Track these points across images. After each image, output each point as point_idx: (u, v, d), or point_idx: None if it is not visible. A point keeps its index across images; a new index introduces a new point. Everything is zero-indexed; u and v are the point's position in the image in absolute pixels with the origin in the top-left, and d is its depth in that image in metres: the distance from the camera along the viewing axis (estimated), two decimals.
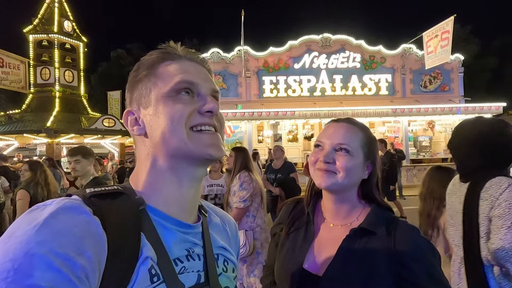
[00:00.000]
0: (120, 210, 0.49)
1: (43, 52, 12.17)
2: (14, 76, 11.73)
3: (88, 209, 0.46)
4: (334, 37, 12.60)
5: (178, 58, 0.60)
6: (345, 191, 0.87)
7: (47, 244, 0.39)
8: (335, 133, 0.87)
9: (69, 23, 12.66)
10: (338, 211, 0.89)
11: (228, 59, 12.41)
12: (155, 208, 0.54)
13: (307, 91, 12.49)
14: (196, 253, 0.57)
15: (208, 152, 0.56)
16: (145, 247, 0.48)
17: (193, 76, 0.58)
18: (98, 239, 0.44)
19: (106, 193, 0.51)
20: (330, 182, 0.84)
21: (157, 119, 0.56)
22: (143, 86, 0.58)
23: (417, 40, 11.84)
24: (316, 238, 0.89)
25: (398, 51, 12.83)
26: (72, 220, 0.43)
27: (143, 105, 0.58)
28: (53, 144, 10.64)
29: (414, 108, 11.30)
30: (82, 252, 0.41)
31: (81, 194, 0.49)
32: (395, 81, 12.79)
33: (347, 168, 0.83)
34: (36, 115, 11.35)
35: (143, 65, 0.59)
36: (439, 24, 10.10)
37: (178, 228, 0.56)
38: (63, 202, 0.45)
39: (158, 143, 0.56)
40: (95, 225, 0.45)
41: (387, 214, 0.87)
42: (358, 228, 0.83)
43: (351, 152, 0.85)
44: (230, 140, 12.12)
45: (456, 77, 12.90)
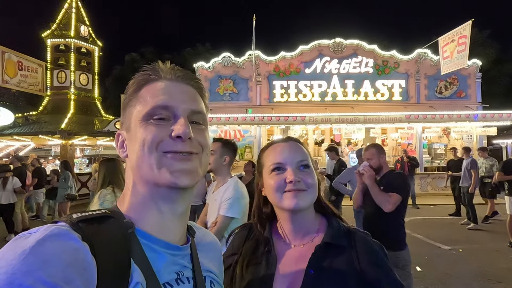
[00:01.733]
0: (108, 235, 0.48)
1: (60, 56, 12.55)
2: (32, 79, 12.10)
3: (76, 235, 0.44)
4: (347, 42, 12.46)
5: (159, 79, 0.58)
6: (309, 207, 0.86)
7: (34, 273, 0.37)
8: (291, 152, 0.87)
9: (85, 28, 13.02)
10: (299, 230, 0.86)
11: (239, 64, 12.44)
12: (144, 231, 0.53)
13: (318, 96, 12.37)
14: (186, 276, 0.56)
15: (173, 180, 0.53)
16: (135, 272, 0.47)
17: (169, 98, 0.56)
18: (87, 266, 0.42)
19: (94, 217, 0.50)
20: (306, 201, 0.82)
21: (133, 144, 0.55)
22: (127, 110, 0.59)
23: (432, 45, 11.58)
24: (280, 264, 0.83)
25: (413, 56, 12.56)
26: (60, 247, 0.41)
27: (126, 129, 0.59)
28: (67, 145, 10.87)
29: (429, 115, 11.00)
30: (70, 280, 0.39)
31: (68, 219, 0.47)
32: (409, 87, 12.51)
33: (314, 183, 0.85)
34: (51, 117, 11.66)
35: (129, 88, 0.60)
36: (456, 28, 9.83)
37: (167, 250, 0.55)
38: (50, 229, 0.43)
39: (134, 168, 0.56)
40: (83, 251, 0.43)
41: (341, 224, 0.87)
42: (323, 243, 0.81)
43: (311, 168, 0.87)
44: (240, 145, 12.09)
45: (473, 83, 12.51)
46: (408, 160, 9.03)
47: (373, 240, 0.84)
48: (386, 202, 2.43)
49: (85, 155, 16.78)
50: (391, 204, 2.42)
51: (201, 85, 0.63)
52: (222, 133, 12.05)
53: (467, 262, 4.51)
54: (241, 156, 11.89)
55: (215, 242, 0.75)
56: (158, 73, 0.58)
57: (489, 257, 4.68)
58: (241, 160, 11.50)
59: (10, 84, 11.35)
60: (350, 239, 0.82)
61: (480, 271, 4.16)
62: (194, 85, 0.61)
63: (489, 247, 5.17)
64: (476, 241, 5.59)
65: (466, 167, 6.88)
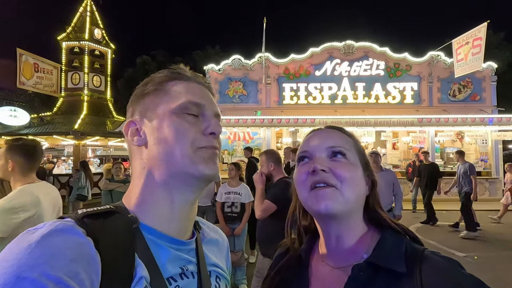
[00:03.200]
0: (113, 230, 0.49)
1: (74, 58, 12.87)
2: (47, 81, 12.43)
3: (81, 230, 0.45)
4: (357, 44, 12.35)
5: (186, 79, 0.62)
6: (351, 213, 0.64)
7: (39, 267, 0.38)
8: (322, 137, 0.68)
9: (99, 31, 13.33)
10: (342, 247, 0.65)
11: (249, 66, 12.48)
12: (148, 226, 0.54)
13: (328, 99, 12.28)
14: (190, 271, 0.56)
15: (206, 170, 0.56)
16: (139, 266, 0.48)
17: (199, 98, 0.60)
18: (91, 260, 0.43)
19: (99, 213, 0.51)
20: (336, 202, 0.60)
21: (162, 132, 0.56)
22: (150, 100, 0.59)
23: (446, 48, 11.35)
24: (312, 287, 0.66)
25: (425, 59, 12.34)
26: (64, 242, 0.42)
27: (148, 118, 0.59)
28: (79, 146, 11.10)
29: (441, 118, 10.77)
30: (74, 274, 0.40)
31: (73, 215, 0.49)
32: (422, 90, 12.29)
33: (350, 178, 0.62)
34: (65, 117, 11.95)
35: (153, 81, 0.61)
36: (470, 30, 9.62)
37: (171, 245, 0.55)
38: (55, 224, 0.45)
39: (157, 156, 0.56)
40: (88, 246, 0.44)
41: (406, 241, 0.61)
42: (364, 264, 0.58)
43: (348, 157, 0.65)
44: None
45: (488, 86, 12.20)
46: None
47: (462, 271, 0.54)
48: (257, 208, 2.46)
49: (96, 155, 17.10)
50: (260, 211, 2.44)
51: (214, 93, 0.67)
52: (231, 135, 12.10)
53: (482, 269, 4.37)
54: None
55: (222, 237, 0.75)
56: (183, 74, 0.62)
57: (505, 265, 4.53)
58: None
59: (27, 86, 11.69)
60: (413, 264, 0.56)
61: (496, 279, 4.03)
62: (211, 91, 0.65)
63: (505, 255, 5.01)
64: (492, 248, 5.42)
65: (464, 172, 6.55)
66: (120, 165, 5.20)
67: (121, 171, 5.08)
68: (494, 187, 10.85)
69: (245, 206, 3.87)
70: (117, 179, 5.02)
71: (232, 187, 3.96)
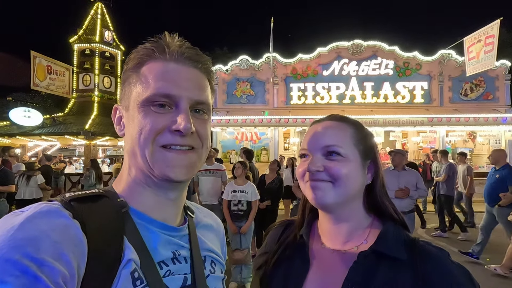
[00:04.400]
0: (101, 213, 0.48)
1: (85, 60, 13.16)
2: (60, 82, 12.74)
3: (67, 213, 0.45)
4: (366, 43, 12.23)
5: (164, 59, 0.53)
6: (346, 205, 0.68)
7: (21, 248, 0.37)
8: (318, 135, 0.70)
9: (109, 33, 13.59)
10: (340, 231, 0.69)
11: (257, 66, 12.50)
12: (138, 211, 0.53)
13: (336, 99, 12.19)
14: (183, 256, 0.56)
15: (167, 173, 0.52)
16: (127, 250, 0.47)
17: (172, 84, 0.52)
18: (78, 243, 0.43)
19: (87, 196, 0.50)
20: (325, 197, 0.65)
21: (130, 127, 0.54)
22: (127, 86, 0.56)
23: (457, 46, 11.12)
24: (313, 270, 0.68)
25: (436, 57, 12.12)
26: (49, 224, 0.41)
27: (125, 107, 0.56)
28: (90, 146, 11.32)
29: (453, 118, 10.56)
30: (60, 256, 0.40)
31: (61, 198, 0.48)
32: (432, 89, 12.08)
33: (343, 176, 0.65)
34: (76, 118, 12.21)
35: (131, 62, 0.55)
36: (482, 28, 9.40)
37: (162, 230, 0.54)
38: (40, 206, 0.44)
39: (129, 152, 0.55)
40: (74, 228, 0.44)
41: (404, 233, 0.67)
42: (369, 251, 0.63)
43: (343, 154, 0.67)
44: (256, 147, 12.11)
45: (501, 85, 11.89)
46: (431, 163, 8.71)
47: (452, 260, 0.61)
48: None
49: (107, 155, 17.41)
50: None
51: (209, 67, 0.58)
52: (238, 135, 12.13)
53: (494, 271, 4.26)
54: (257, 159, 11.89)
55: (217, 222, 0.74)
56: (164, 51, 0.53)
57: None
58: (257, 163, 11.51)
59: (40, 87, 12.00)
60: (413, 253, 0.61)
61: (510, 282, 3.92)
62: (202, 69, 0.56)
63: None
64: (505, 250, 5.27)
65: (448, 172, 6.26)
66: None
67: None
68: None
69: (252, 204, 3.87)
70: None
71: (238, 185, 3.97)
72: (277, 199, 5.17)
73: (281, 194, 5.45)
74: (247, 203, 3.87)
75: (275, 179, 5.11)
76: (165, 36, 0.55)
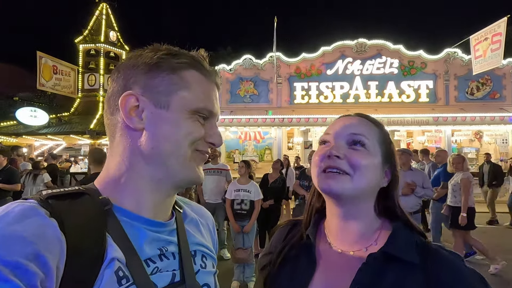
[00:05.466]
0: (81, 211, 0.47)
1: (90, 60, 13.29)
2: (65, 82, 12.88)
3: (43, 211, 0.43)
4: (370, 42, 12.14)
5: (205, 73, 0.59)
6: (359, 201, 0.65)
7: None
8: (345, 123, 0.68)
9: (114, 33, 13.69)
10: (349, 231, 0.66)
11: (260, 65, 12.49)
12: (123, 208, 0.52)
13: (339, 98, 12.13)
14: (170, 252, 0.55)
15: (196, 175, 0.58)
16: (110, 248, 0.46)
17: (212, 103, 0.59)
18: (55, 242, 0.41)
19: (66, 193, 0.49)
20: (340, 185, 0.61)
21: (167, 128, 0.54)
22: (162, 81, 0.54)
23: (463, 44, 11.00)
24: (319, 270, 0.65)
25: (441, 56, 11.99)
26: (22, 224, 0.40)
27: (156, 103, 0.54)
28: (95, 145, 11.42)
29: (458, 117, 10.44)
30: (34, 257, 0.38)
31: (37, 196, 0.46)
32: (437, 88, 11.95)
33: (363, 166, 0.62)
34: (82, 117, 12.34)
35: (168, 63, 0.55)
36: (489, 26, 9.28)
37: (148, 227, 0.53)
38: (13, 206, 0.42)
39: (153, 149, 0.53)
40: (51, 227, 0.42)
41: (417, 236, 0.64)
42: (379, 253, 0.60)
43: (367, 146, 0.64)
44: (260, 146, 12.11)
45: (508, 84, 11.72)
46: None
47: (466, 266, 0.59)
48: None
49: None
50: None
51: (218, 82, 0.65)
52: (242, 135, 12.14)
53: (501, 272, 4.21)
54: (261, 158, 11.89)
55: (207, 215, 0.73)
56: (202, 65, 0.58)
57: None
58: (261, 162, 11.51)
59: (46, 87, 12.15)
60: (424, 256, 0.59)
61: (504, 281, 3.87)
62: (219, 87, 0.64)
63: None
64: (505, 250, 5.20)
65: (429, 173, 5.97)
66: None
67: None
68: None
69: (255, 204, 3.87)
70: None
71: (241, 185, 3.97)
72: (280, 199, 5.18)
73: (284, 194, 5.45)
74: (250, 202, 3.87)
75: (278, 178, 5.11)
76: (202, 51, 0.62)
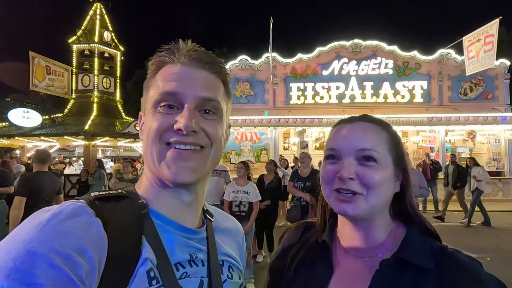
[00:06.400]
0: (122, 213, 0.51)
1: (84, 60, 13.12)
2: (59, 83, 12.71)
3: (90, 211, 0.48)
4: (365, 43, 12.23)
5: (173, 62, 0.56)
6: (374, 215, 0.64)
7: (48, 243, 0.40)
8: (351, 135, 0.64)
9: (108, 34, 13.55)
10: (362, 238, 0.65)
11: (256, 66, 12.49)
12: (158, 212, 0.54)
13: (335, 98, 12.18)
14: (200, 259, 0.56)
15: (171, 177, 0.52)
16: (145, 248, 0.49)
17: (178, 84, 0.53)
18: (99, 239, 0.45)
19: (110, 196, 0.53)
20: (355, 208, 0.60)
21: (144, 130, 0.57)
22: (145, 92, 0.60)
23: (456, 45, 11.13)
24: (336, 276, 0.65)
25: (435, 57, 12.13)
26: (73, 221, 0.44)
27: (143, 112, 0.60)
28: (89, 146, 11.29)
29: (452, 117, 10.57)
30: (82, 252, 0.42)
31: (86, 197, 0.51)
32: (431, 88, 12.08)
33: (377, 184, 0.60)
34: (76, 119, 12.18)
35: (149, 70, 0.59)
36: (481, 27, 9.41)
37: (180, 232, 0.55)
38: (67, 204, 0.47)
39: (144, 154, 0.58)
40: (96, 226, 0.46)
41: (432, 240, 0.63)
42: (393, 258, 0.59)
43: (379, 160, 0.61)
44: (256, 147, 12.10)
45: (501, 84, 11.90)
46: (431, 163, 8.72)
47: (484, 271, 0.57)
48: None
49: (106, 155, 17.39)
50: None
51: (220, 69, 0.58)
52: (238, 135, 12.12)
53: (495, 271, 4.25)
54: (257, 159, 11.89)
55: (237, 227, 0.74)
56: (174, 56, 0.55)
57: None
58: (257, 163, 11.51)
59: (39, 88, 11.97)
60: (441, 262, 0.57)
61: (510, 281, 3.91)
62: (211, 69, 0.57)
63: None
64: (506, 249, 5.28)
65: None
66: (129, 163, 5.24)
67: (129, 170, 5.13)
68: (507, 188, 10.58)
69: (253, 205, 3.86)
70: (127, 179, 5.08)
71: (240, 186, 3.96)
72: (276, 199, 5.19)
73: (280, 194, 5.46)
74: (249, 204, 3.86)
75: (274, 179, 5.13)
76: (179, 42, 0.57)
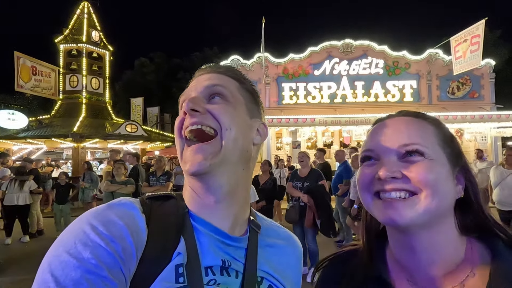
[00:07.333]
0: (166, 211, 0.55)
1: (72, 60, 12.79)
2: (46, 84, 12.37)
3: (138, 207, 0.54)
4: (356, 43, 12.37)
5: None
6: (432, 225, 0.50)
7: (99, 228, 0.47)
8: (390, 131, 0.54)
9: (96, 33, 13.26)
10: (429, 264, 0.51)
11: (248, 66, 12.47)
12: (194, 214, 0.56)
13: (327, 98, 12.28)
14: (234, 269, 0.53)
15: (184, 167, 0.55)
16: (180, 245, 0.51)
17: (187, 92, 0.60)
18: (140, 231, 0.50)
19: (159, 196, 0.59)
20: (405, 214, 0.48)
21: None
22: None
23: (444, 45, 11.40)
24: None
25: (424, 57, 12.39)
26: (122, 212, 0.51)
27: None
28: (78, 148, 11.02)
29: (441, 116, 10.79)
30: (123, 238, 0.47)
31: (141, 196, 0.59)
32: (421, 88, 12.33)
33: (430, 182, 0.48)
34: (64, 120, 11.86)
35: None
36: (468, 28, 9.66)
37: (216, 236, 0.55)
38: (124, 199, 0.55)
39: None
40: (139, 220, 0.51)
41: None
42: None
43: (427, 155, 0.50)
44: None
45: (486, 83, 12.24)
46: None
47: None
48: None
49: (95, 158, 17.02)
50: None
51: (227, 69, 0.61)
52: None
53: None
54: None
55: (292, 247, 0.66)
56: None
57: None
58: None
59: (25, 89, 11.63)
60: None
61: None
62: (216, 71, 0.61)
63: None
64: None
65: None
66: (121, 164, 5.11)
67: (121, 171, 5.01)
68: None
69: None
70: (119, 180, 4.96)
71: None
72: (272, 199, 5.20)
73: (276, 194, 5.46)
74: None
75: (269, 179, 5.15)
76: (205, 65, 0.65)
